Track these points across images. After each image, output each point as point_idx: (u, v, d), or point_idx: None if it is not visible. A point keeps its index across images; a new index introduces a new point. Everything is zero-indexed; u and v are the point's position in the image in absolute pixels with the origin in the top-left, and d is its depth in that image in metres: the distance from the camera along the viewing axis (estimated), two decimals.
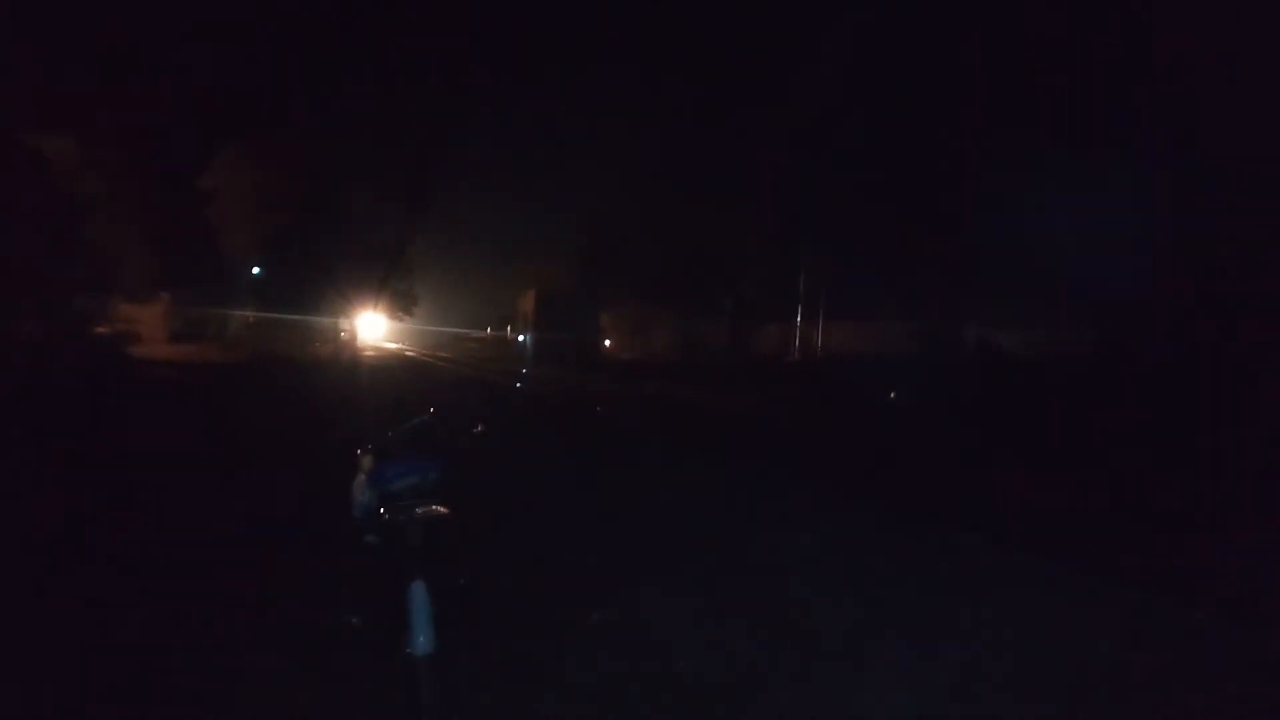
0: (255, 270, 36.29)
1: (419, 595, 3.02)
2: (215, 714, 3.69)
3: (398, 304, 48.61)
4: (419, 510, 3.23)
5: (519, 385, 26.92)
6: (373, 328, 47.36)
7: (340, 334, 40.12)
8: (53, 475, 7.98)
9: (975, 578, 6.31)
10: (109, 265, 25.70)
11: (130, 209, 25.88)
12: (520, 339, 45.35)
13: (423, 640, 2.99)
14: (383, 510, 3.27)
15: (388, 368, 31.90)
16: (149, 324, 30.83)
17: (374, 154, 34.91)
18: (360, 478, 3.35)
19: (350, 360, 32.87)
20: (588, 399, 22.26)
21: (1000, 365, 22.27)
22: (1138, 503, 9.72)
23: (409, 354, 43.17)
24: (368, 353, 39.22)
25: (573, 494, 8.94)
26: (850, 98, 27.60)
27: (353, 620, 3.77)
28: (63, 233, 22.80)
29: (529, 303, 43.09)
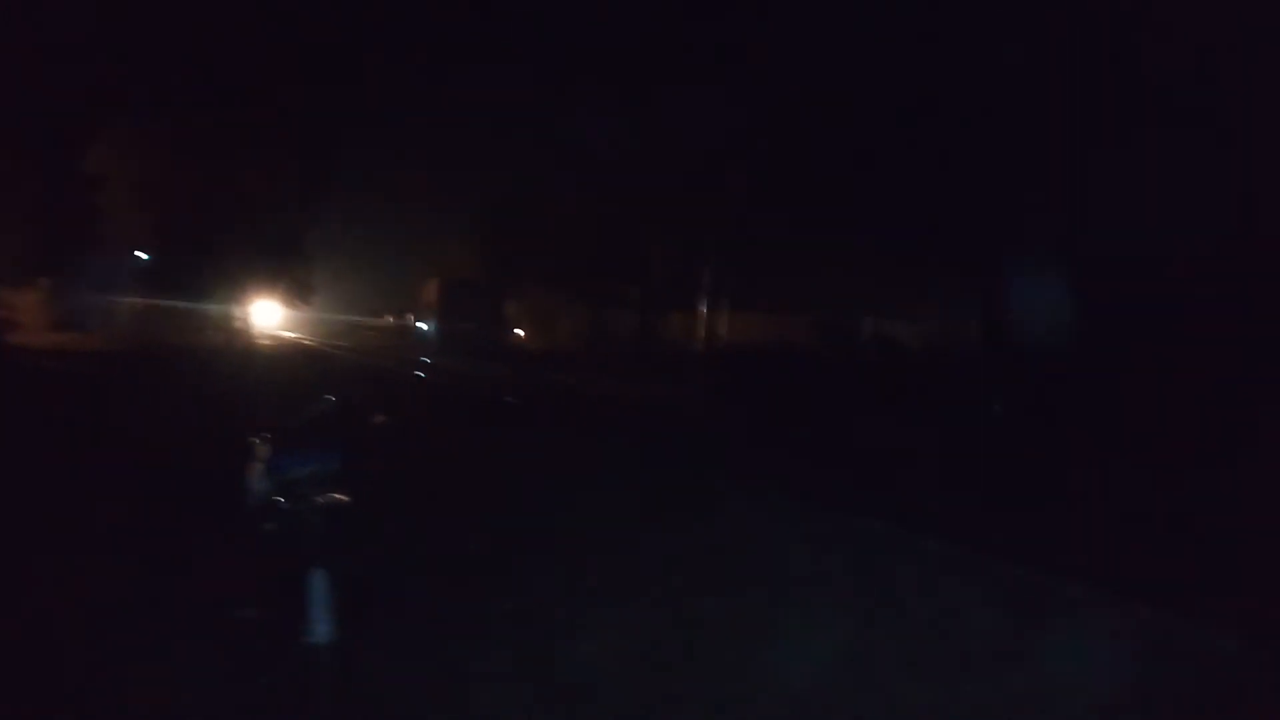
0: (141, 256, 34.86)
1: (319, 584, 3.01)
2: (105, 714, 3.59)
3: (295, 292, 47.22)
4: (319, 499, 3.21)
5: (420, 375, 26.50)
6: (269, 316, 45.95)
7: (234, 322, 38.77)
8: None
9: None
10: None
11: (2, 188, 24.53)
12: (422, 327, 44.55)
13: (322, 629, 2.98)
14: (281, 498, 3.23)
15: (284, 356, 31.05)
16: (28, 311, 29.24)
17: (266, 139, 33.91)
18: (257, 465, 3.30)
19: (244, 349, 31.85)
20: (492, 388, 22.09)
21: (890, 354, 23.31)
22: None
23: (306, 343, 42.03)
24: (263, 341, 38.05)
25: (476, 484, 8.91)
26: (753, 88, 28.00)
27: (249, 611, 3.72)
28: None
29: (432, 291, 42.35)
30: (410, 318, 48.03)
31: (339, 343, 44.01)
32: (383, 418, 3.74)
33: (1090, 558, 6.66)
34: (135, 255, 34.83)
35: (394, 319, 53.46)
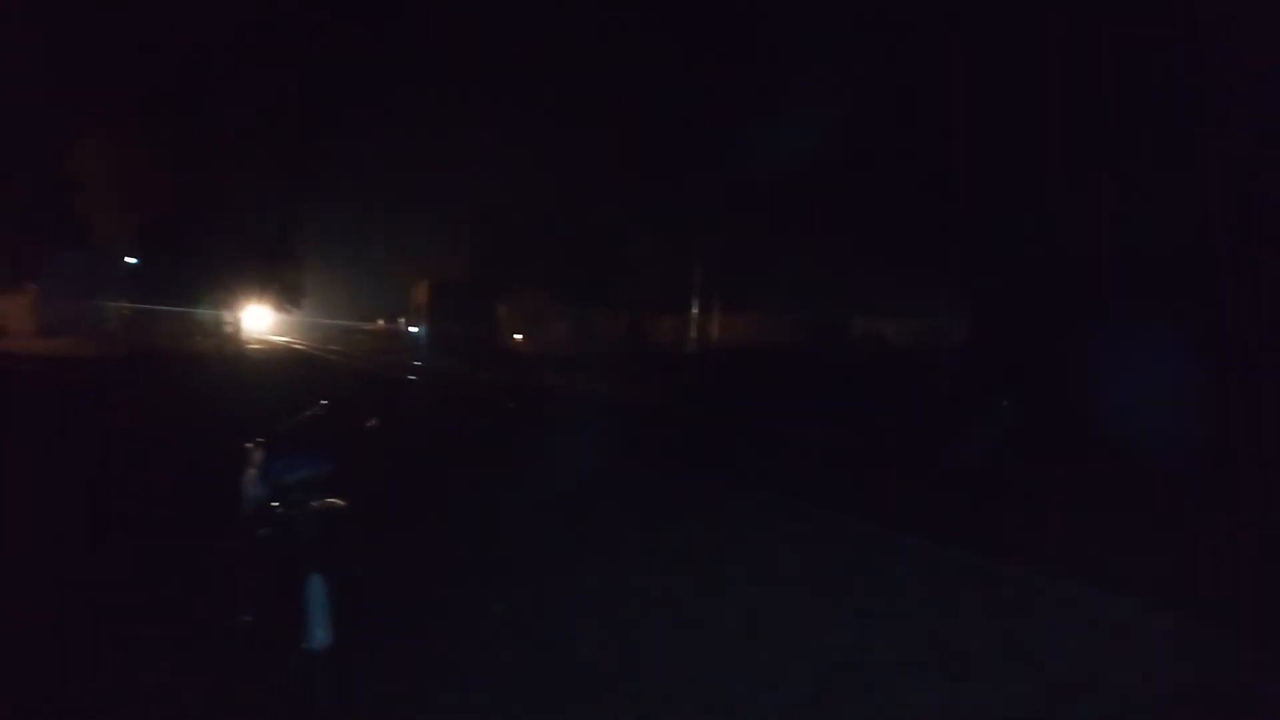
0: (130, 261, 34.67)
1: (316, 589, 3.01)
2: (104, 717, 3.59)
3: (285, 296, 47.07)
4: (314, 503, 3.21)
5: (412, 379, 26.44)
6: (259, 320, 45.79)
7: (224, 327, 38.61)
8: None
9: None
10: None
11: None
12: (414, 331, 44.43)
13: (320, 634, 2.98)
14: (275, 504, 3.23)
15: (275, 361, 30.91)
16: (15, 316, 29.11)
17: (256, 143, 33.85)
18: (251, 471, 3.30)
19: (235, 354, 31.70)
20: (487, 392, 22.05)
21: (880, 354, 23.38)
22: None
23: (297, 347, 41.89)
24: (253, 346, 37.89)
25: (472, 488, 8.90)
26: (742, 92, 28.08)
27: (244, 617, 3.71)
28: None
29: (423, 294, 42.23)
30: (401, 321, 47.92)
31: (331, 347, 43.88)
32: (375, 422, 3.75)
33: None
34: (124, 260, 34.65)
35: (386, 323, 53.35)
